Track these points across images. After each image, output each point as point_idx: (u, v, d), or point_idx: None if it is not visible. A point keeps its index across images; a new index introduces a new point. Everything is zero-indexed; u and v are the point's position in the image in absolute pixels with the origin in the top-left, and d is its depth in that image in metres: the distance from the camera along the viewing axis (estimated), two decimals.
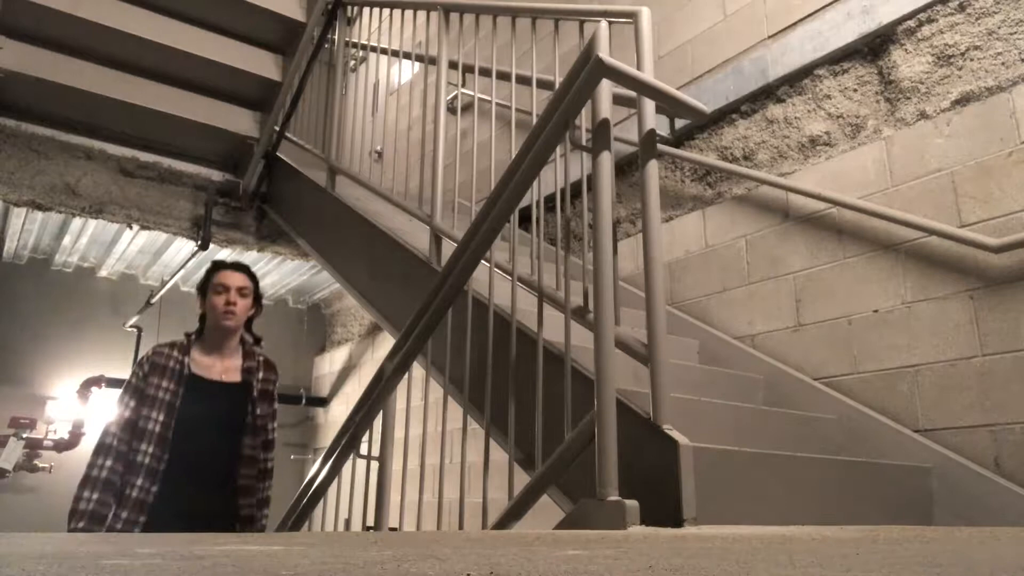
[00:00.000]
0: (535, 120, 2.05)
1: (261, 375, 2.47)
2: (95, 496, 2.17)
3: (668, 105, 1.98)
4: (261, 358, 2.52)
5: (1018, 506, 2.00)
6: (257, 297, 2.52)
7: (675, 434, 1.58)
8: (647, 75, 1.95)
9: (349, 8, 4.23)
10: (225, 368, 2.42)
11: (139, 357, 2.46)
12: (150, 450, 2.23)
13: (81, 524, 2.13)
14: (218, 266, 2.51)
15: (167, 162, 5.03)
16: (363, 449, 2.60)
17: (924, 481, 2.16)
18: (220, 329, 2.41)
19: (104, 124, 4.86)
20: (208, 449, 2.33)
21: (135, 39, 4.64)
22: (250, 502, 2.39)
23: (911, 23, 2.50)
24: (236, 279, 2.44)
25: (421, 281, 2.74)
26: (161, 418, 2.26)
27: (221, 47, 4.99)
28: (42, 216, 5.91)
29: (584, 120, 2.08)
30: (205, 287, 2.45)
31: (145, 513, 2.18)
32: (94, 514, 2.15)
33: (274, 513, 2.52)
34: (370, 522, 2.53)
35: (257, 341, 2.57)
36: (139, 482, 2.20)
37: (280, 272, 7.10)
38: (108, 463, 2.21)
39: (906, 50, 2.51)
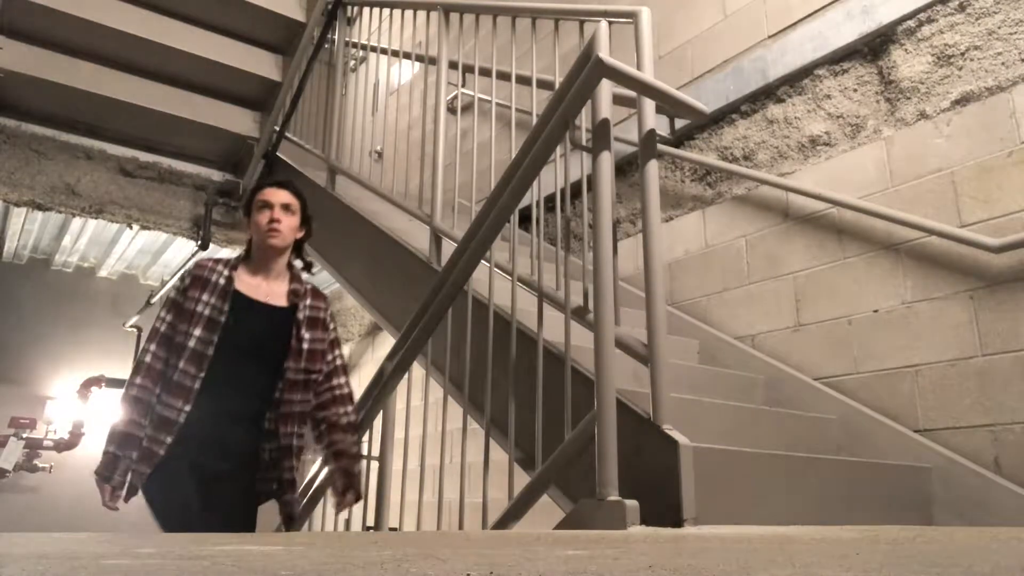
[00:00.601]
0: (535, 120, 2.06)
1: (308, 301, 2.28)
2: (127, 418, 2.07)
3: (668, 105, 1.98)
4: (309, 286, 2.35)
5: (1018, 506, 2.00)
6: (306, 217, 2.33)
7: (675, 434, 1.58)
8: (647, 75, 1.95)
9: (349, 8, 4.23)
10: (271, 291, 2.24)
11: (182, 271, 2.32)
12: (181, 365, 2.08)
13: (111, 448, 2.04)
14: (262, 183, 2.34)
15: (167, 162, 5.04)
16: (363, 449, 2.60)
17: (924, 481, 2.16)
18: (265, 249, 2.24)
19: (104, 124, 4.87)
20: (247, 374, 2.17)
21: (135, 39, 4.65)
22: (291, 431, 2.21)
23: (911, 23, 2.50)
24: (280, 195, 2.27)
25: (421, 281, 2.74)
26: (198, 333, 2.10)
27: (221, 47, 4.99)
28: (42, 216, 5.91)
29: (584, 120, 2.08)
30: (249, 206, 2.29)
31: (173, 433, 2.04)
32: (126, 436, 2.05)
33: (276, 513, 2.42)
34: (370, 522, 2.53)
35: (307, 267, 2.39)
36: (168, 399, 2.07)
37: None
38: (139, 380, 2.09)
39: (906, 50, 2.51)
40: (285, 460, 2.20)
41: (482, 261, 2.19)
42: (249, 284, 2.22)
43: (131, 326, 7.39)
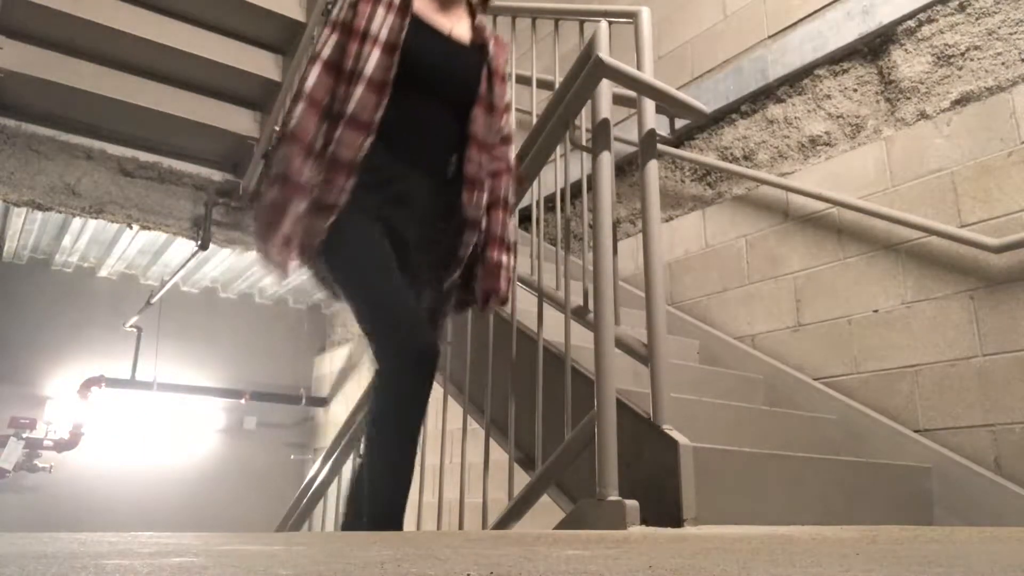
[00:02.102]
0: (535, 120, 2.06)
1: (493, 48, 1.83)
2: (286, 159, 1.68)
3: (668, 105, 1.98)
4: (491, 27, 1.92)
5: (1018, 506, 2.00)
6: None
7: (675, 434, 1.58)
8: (647, 75, 1.95)
9: None
10: (454, 23, 1.80)
11: None
12: (357, 93, 1.64)
13: (271, 195, 1.63)
14: None
15: (167, 162, 5.03)
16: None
17: (924, 481, 2.16)
18: None
19: (104, 124, 4.86)
20: (432, 118, 1.75)
21: (135, 39, 4.64)
22: (482, 201, 1.78)
23: (911, 23, 2.50)
24: None
25: None
26: (376, 56, 1.64)
27: (221, 47, 4.98)
28: (42, 216, 5.91)
29: (584, 120, 2.09)
30: None
31: (353, 174, 1.62)
32: (286, 180, 1.65)
33: (277, 513, 2.44)
34: None
35: (484, 2, 1.91)
36: (343, 136, 1.64)
37: None
38: (298, 112, 1.69)
39: (906, 50, 2.51)
40: (464, 235, 1.76)
41: None
42: (429, 8, 1.77)
43: (131, 326, 7.38)
